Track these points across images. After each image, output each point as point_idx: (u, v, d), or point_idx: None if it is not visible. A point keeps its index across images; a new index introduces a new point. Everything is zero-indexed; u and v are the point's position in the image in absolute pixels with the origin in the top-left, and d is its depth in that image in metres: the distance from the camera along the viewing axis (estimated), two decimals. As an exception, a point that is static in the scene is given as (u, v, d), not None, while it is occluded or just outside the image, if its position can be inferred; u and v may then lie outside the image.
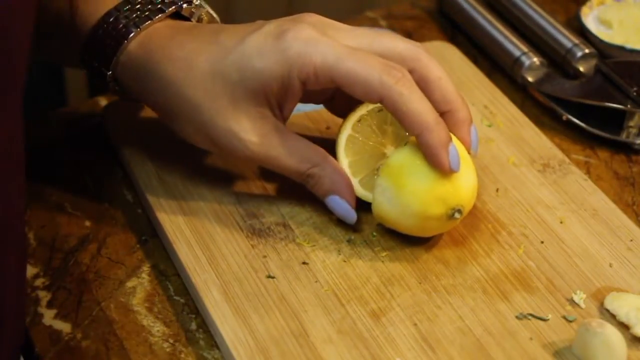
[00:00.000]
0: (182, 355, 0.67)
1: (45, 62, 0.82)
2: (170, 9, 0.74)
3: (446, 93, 0.71)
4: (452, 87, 0.71)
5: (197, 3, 0.76)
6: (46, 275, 0.72)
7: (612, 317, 0.67)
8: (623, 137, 0.84)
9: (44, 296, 0.71)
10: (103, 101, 0.86)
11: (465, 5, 0.97)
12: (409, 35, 0.97)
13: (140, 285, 0.72)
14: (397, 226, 0.71)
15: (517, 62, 0.90)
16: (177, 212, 0.75)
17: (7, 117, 0.54)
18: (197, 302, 0.69)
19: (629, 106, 0.83)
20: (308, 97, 0.75)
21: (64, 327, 0.69)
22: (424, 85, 0.71)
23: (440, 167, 0.68)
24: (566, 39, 0.91)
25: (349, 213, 0.72)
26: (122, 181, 0.80)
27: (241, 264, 0.71)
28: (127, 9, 0.74)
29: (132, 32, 0.73)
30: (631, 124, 0.84)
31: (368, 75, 0.68)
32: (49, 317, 0.69)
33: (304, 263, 0.71)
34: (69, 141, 0.84)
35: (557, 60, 0.92)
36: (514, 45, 0.91)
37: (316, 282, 0.70)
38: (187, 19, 0.76)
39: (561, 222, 0.74)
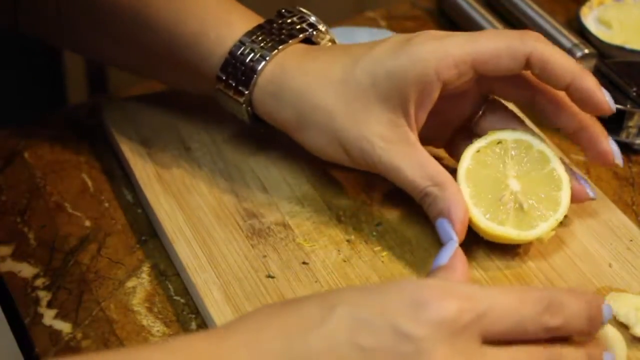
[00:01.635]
0: (182, 355, 0.67)
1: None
2: (304, 34, 0.75)
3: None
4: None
5: (323, 29, 0.76)
6: (46, 275, 0.72)
7: (612, 317, 0.67)
8: (623, 137, 0.84)
9: (44, 296, 0.71)
10: (103, 101, 0.86)
11: (465, 6, 0.97)
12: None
13: (140, 285, 0.72)
14: None
15: (517, 62, 0.89)
16: (177, 211, 0.75)
17: None
18: (197, 302, 0.69)
19: (628, 106, 0.84)
20: (431, 129, 0.74)
21: (64, 327, 0.69)
22: None
23: (601, 108, 0.69)
24: (566, 39, 0.91)
25: (452, 242, 0.67)
26: (122, 181, 0.80)
27: (241, 264, 0.71)
28: (262, 33, 0.75)
29: (272, 53, 0.74)
30: (631, 124, 0.84)
31: (509, 40, 0.69)
32: (49, 317, 0.69)
33: (304, 263, 0.71)
34: (69, 141, 0.84)
35: (557, 60, 0.91)
36: (514, 45, 0.91)
37: (316, 282, 0.70)
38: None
39: (561, 222, 0.74)
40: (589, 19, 0.96)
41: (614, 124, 0.84)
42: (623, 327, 0.67)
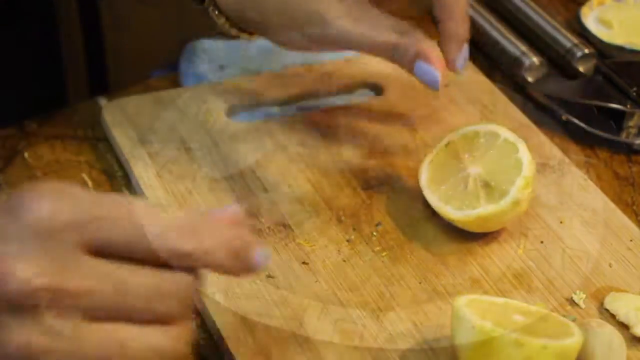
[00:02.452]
0: (182, 355, 0.67)
1: None
2: None
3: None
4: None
5: None
6: (46, 275, 0.72)
7: (611, 317, 0.68)
8: (623, 137, 0.84)
9: (44, 296, 0.71)
10: (103, 101, 0.86)
11: (465, 5, 0.97)
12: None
13: (140, 285, 0.71)
14: None
15: (516, 62, 0.90)
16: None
17: None
18: (197, 302, 0.69)
19: (628, 106, 0.84)
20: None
21: (64, 327, 0.69)
22: None
23: None
24: (566, 39, 0.91)
25: (435, 78, 0.70)
26: (122, 181, 0.80)
27: (241, 264, 0.71)
28: None
29: None
30: (631, 124, 0.84)
31: None
32: (49, 317, 0.69)
33: (304, 263, 0.71)
34: (69, 141, 0.83)
35: (556, 60, 0.92)
36: (514, 45, 0.91)
37: (316, 282, 0.70)
38: None
39: (561, 222, 0.74)
40: (589, 19, 0.96)
41: (614, 123, 0.84)
42: (623, 327, 0.67)
